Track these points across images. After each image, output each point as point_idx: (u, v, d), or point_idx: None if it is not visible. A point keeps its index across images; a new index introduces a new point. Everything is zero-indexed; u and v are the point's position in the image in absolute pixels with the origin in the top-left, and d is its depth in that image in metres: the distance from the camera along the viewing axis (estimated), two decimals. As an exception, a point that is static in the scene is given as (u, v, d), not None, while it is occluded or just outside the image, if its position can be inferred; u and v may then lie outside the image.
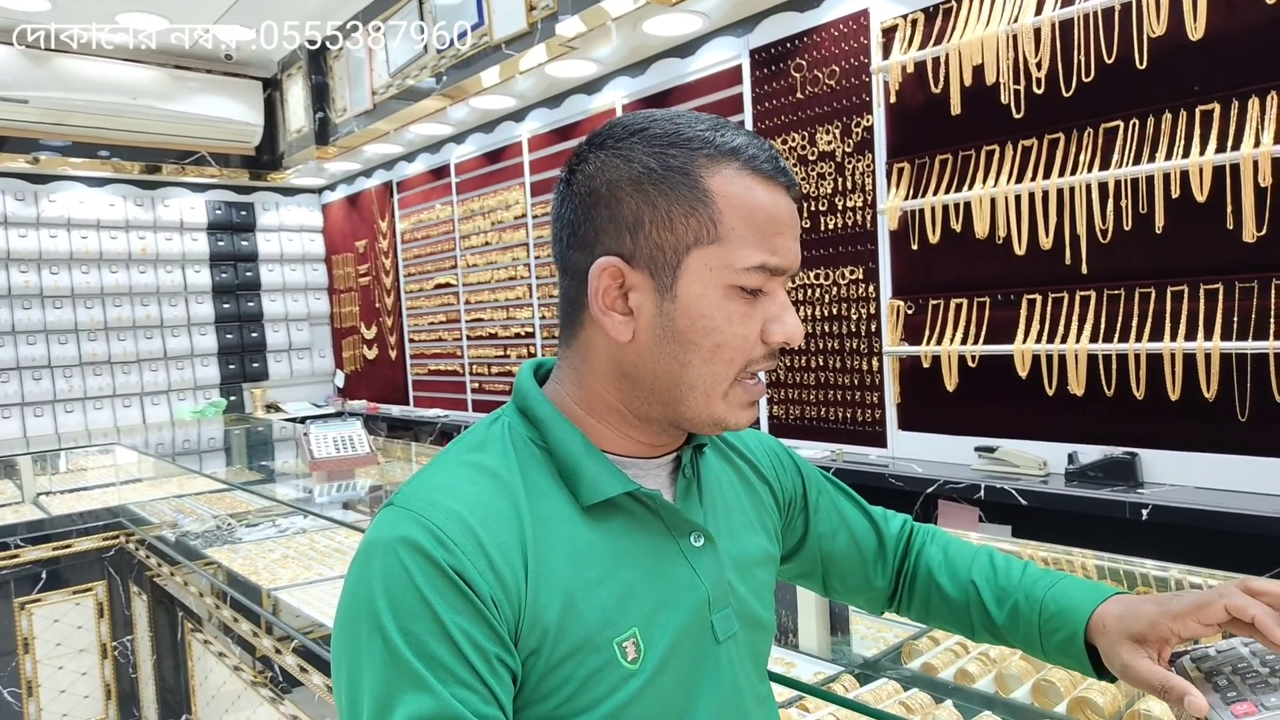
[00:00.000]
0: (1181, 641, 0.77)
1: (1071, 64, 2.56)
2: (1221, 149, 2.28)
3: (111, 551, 3.09)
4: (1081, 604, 0.85)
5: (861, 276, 3.21)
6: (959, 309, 2.89)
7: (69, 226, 5.85)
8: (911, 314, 3.03)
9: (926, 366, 2.96)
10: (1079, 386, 2.57)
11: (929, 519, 2.76)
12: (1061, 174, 2.59)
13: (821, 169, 3.30)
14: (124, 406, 6.13)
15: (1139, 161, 2.43)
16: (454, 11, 4.11)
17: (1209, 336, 2.31)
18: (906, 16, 2.94)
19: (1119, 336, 2.50)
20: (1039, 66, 2.61)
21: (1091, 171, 2.52)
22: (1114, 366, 2.51)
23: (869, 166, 3.15)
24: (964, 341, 2.85)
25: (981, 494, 2.61)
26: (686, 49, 3.81)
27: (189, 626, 2.56)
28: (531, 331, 4.96)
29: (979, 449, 2.80)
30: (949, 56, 2.78)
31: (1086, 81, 2.53)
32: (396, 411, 6.10)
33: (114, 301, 6.07)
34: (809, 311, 3.39)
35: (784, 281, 0.75)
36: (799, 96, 3.36)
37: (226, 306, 6.53)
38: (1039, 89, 2.63)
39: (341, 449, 3.44)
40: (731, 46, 3.61)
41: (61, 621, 3.03)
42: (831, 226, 3.29)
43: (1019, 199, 2.67)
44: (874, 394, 3.20)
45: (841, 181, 3.24)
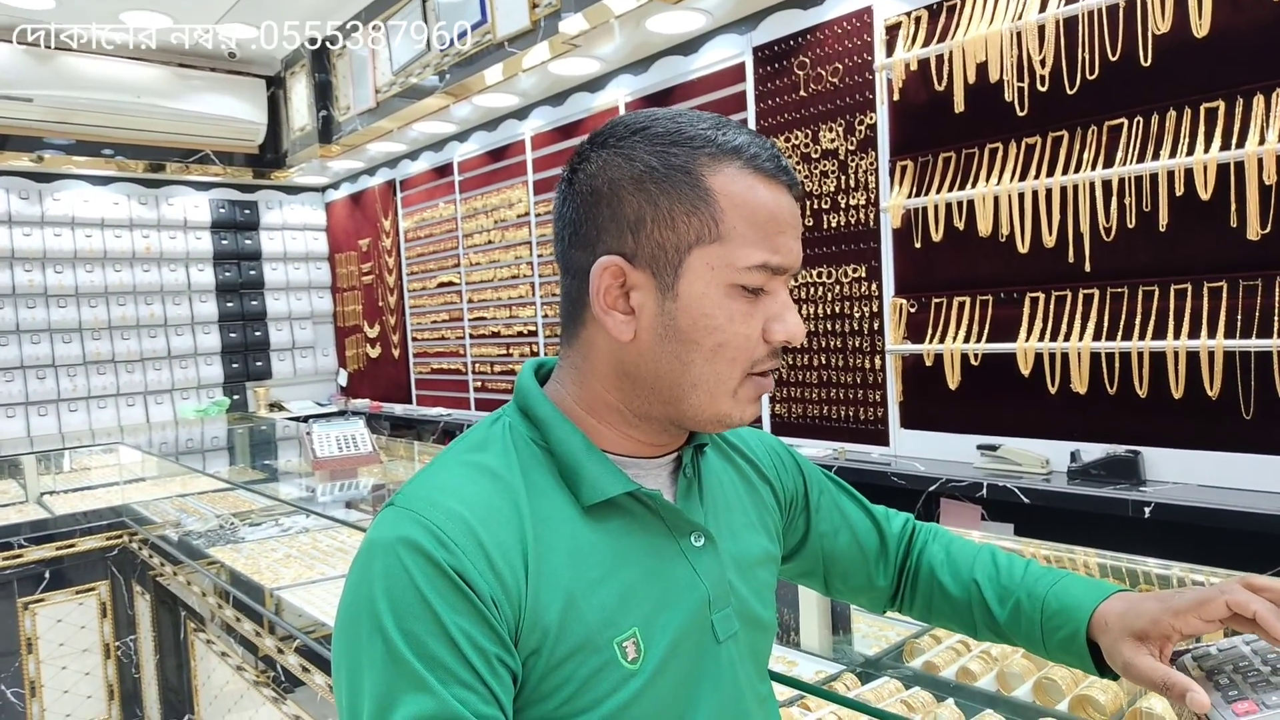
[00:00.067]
0: (1183, 638, 0.77)
1: (1075, 61, 2.55)
2: (1226, 147, 2.27)
3: (115, 551, 3.10)
4: (1083, 602, 0.85)
5: (864, 275, 3.20)
6: (962, 307, 2.88)
7: (73, 225, 5.87)
8: (914, 312, 3.03)
9: (929, 365, 2.96)
10: (1082, 385, 2.57)
11: (931, 517, 2.76)
12: (1065, 172, 2.58)
13: (824, 167, 3.29)
14: (128, 405, 6.15)
15: (1143, 159, 2.43)
16: (456, 10, 4.11)
17: (1212, 334, 2.30)
18: (910, 14, 2.94)
19: (1122, 334, 2.49)
20: (1043, 64, 2.60)
21: (1095, 169, 2.51)
22: (1117, 364, 2.51)
23: (872, 164, 3.14)
24: (967, 340, 2.85)
25: (984, 492, 2.61)
26: (689, 46, 3.81)
27: (192, 626, 2.57)
28: (534, 330, 4.96)
29: (981, 447, 2.79)
30: (952, 54, 2.78)
31: (1090, 79, 2.53)
32: (399, 410, 6.11)
33: (118, 300, 6.08)
34: (811, 310, 3.38)
35: (786, 280, 0.75)
36: (802, 94, 3.35)
37: (230, 305, 6.54)
38: (1043, 86, 2.62)
39: (344, 448, 3.44)
40: (734, 44, 3.61)
41: (65, 621, 3.03)
42: (834, 224, 3.28)
43: (1022, 197, 2.67)
44: (876, 392, 3.20)
45: (844, 179, 3.24)
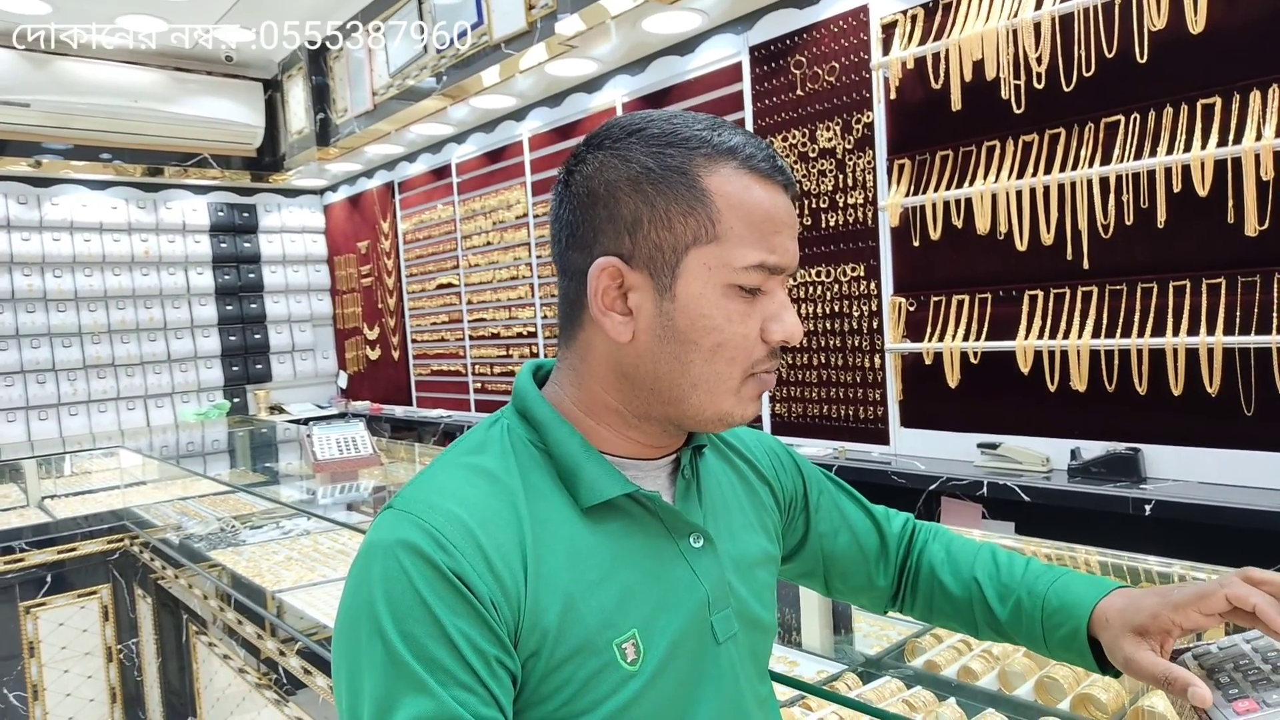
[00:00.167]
0: (1184, 633, 0.77)
1: (1072, 58, 2.55)
2: (1223, 143, 2.28)
3: (116, 555, 3.09)
4: (1084, 599, 0.85)
5: (863, 273, 3.20)
6: (960, 305, 2.88)
7: (72, 230, 5.86)
8: (913, 311, 3.03)
9: (928, 363, 2.96)
10: (1081, 382, 2.57)
11: (932, 516, 2.76)
12: (1062, 169, 2.58)
13: (822, 166, 3.29)
14: (128, 409, 6.15)
15: (1140, 156, 2.43)
16: (453, 11, 4.11)
17: (1211, 331, 2.30)
18: (906, 12, 2.94)
19: (1121, 332, 2.49)
20: (1039, 61, 2.60)
21: (1092, 166, 2.51)
22: (1116, 362, 2.51)
23: (869, 163, 3.14)
24: (966, 338, 2.85)
25: (984, 491, 2.61)
26: (686, 46, 3.81)
27: (194, 629, 2.57)
28: (534, 331, 4.96)
29: (981, 446, 2.79)
30: (949, 52, 2.78)
31: (1087, 76, 2.53)
32: (399, 412, 6.11)
33: (117, 304, 6.08)
34: (810, 309, 3.38)
35: (783, 280, 0.75)
36: (799, 93, 3.35)
37: (229, 308, 6.54)
38: (1039, 84, 2.62)
39: (344, 450, 3.44)
40: (731, 44, 3.61)
41: (66, 625, 3.03)
42: (832, 223, 3.28)
43: (1020, 194, 2.67)
44: (876, 391, 3.20)
45: (842, 178, 3.24)
